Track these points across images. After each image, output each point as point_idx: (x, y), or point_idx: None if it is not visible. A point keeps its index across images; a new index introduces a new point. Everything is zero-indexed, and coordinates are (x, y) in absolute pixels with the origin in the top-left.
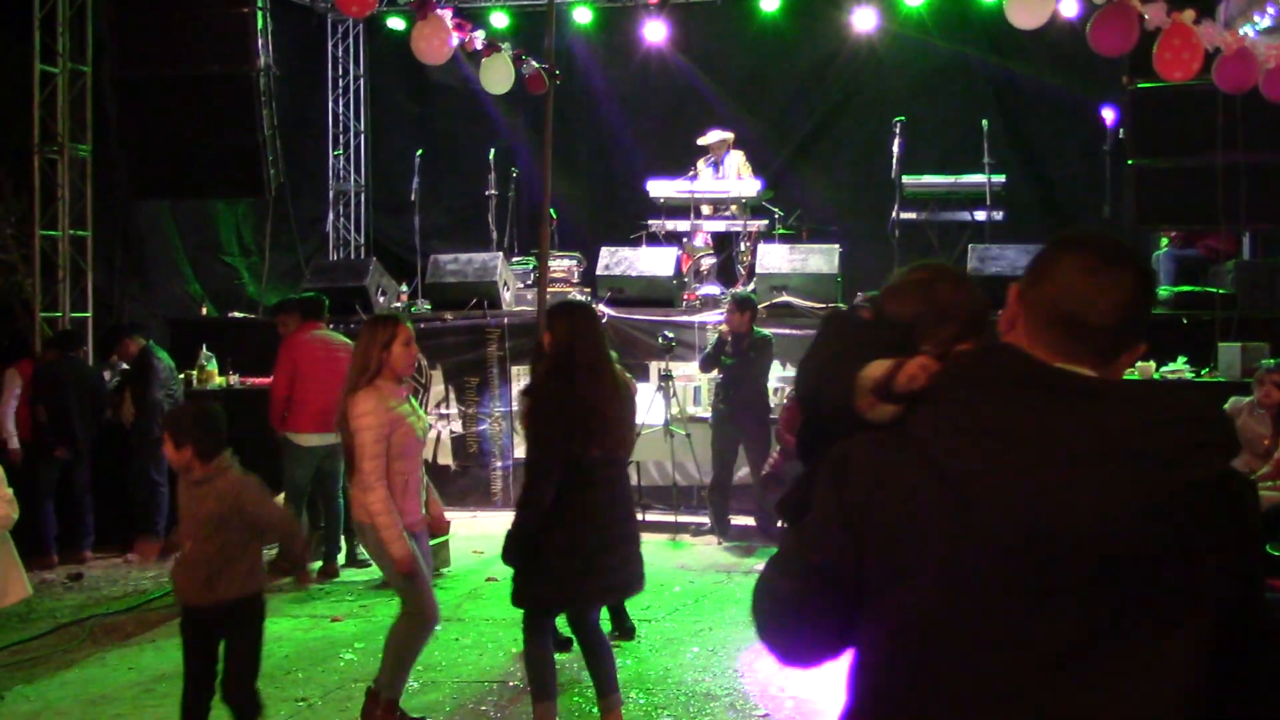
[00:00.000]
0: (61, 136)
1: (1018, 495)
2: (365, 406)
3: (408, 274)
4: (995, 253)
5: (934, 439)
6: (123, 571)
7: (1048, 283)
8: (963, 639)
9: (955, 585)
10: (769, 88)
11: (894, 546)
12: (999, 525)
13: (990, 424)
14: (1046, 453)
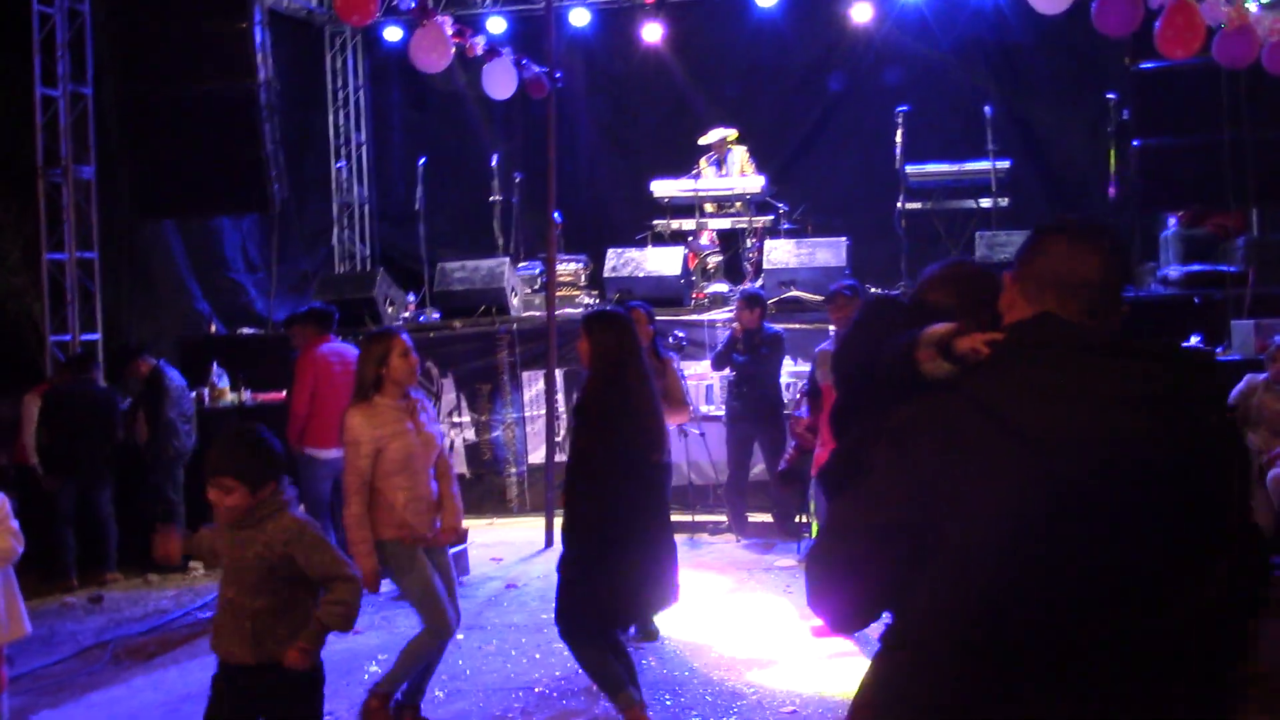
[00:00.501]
0: (65, 159)
1: (1082, 439)
2: (353, 422)
3: (415, 283)
4: (1003, 239)
5: (1001, 399)
6: (143, 592)
7: (1039, 259)
8: (1036, 573)
9: (1029, 526)
10: (768, 83)
11: (964, 503)
12: (1067, 467)
13: (1048, 381)
14: (1098, 402)
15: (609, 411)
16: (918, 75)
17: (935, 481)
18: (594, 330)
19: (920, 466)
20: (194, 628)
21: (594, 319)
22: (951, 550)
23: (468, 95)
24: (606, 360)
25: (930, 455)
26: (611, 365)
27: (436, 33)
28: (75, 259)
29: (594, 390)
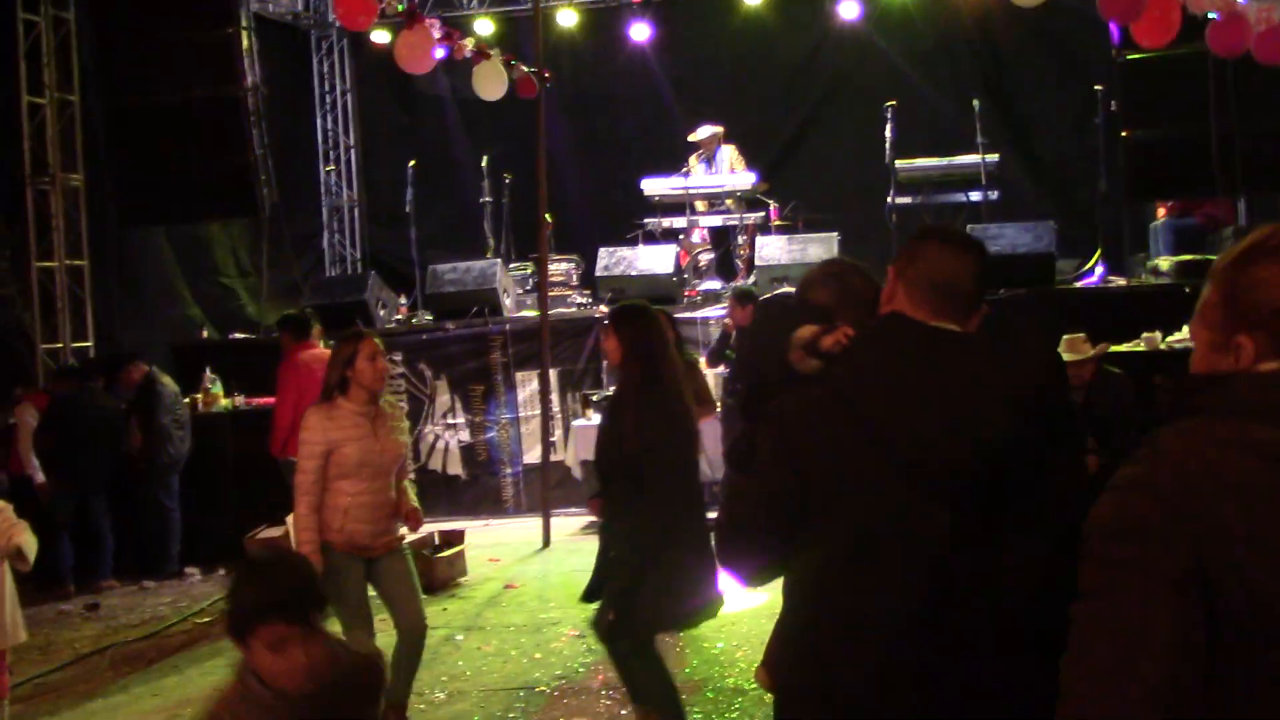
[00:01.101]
0: (53, 167)
1: (917, 425)
2: (309, 421)
3: (406, 286)
4: (994, 232)
5: (852, 388)
6: (139, 599)
7: (921, 262)
8: (885, 536)
9: (876, 497)
10: (757, 80)
11: (827, 475)
12: (904, 449)
13: (892, 373)
14: (934, 393)
15: (658, 413)
16: (905, 71)
17: (805, 457)
18: (623, 327)
19: (793, 445)
20: (191, 634)
21: (623, 315)
22: (818, 512)
23: (456, 97)
24: (640, 355)
25: (800, 435)
26: (646, 360)
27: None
28: (65, 266)
29: (636, 392)
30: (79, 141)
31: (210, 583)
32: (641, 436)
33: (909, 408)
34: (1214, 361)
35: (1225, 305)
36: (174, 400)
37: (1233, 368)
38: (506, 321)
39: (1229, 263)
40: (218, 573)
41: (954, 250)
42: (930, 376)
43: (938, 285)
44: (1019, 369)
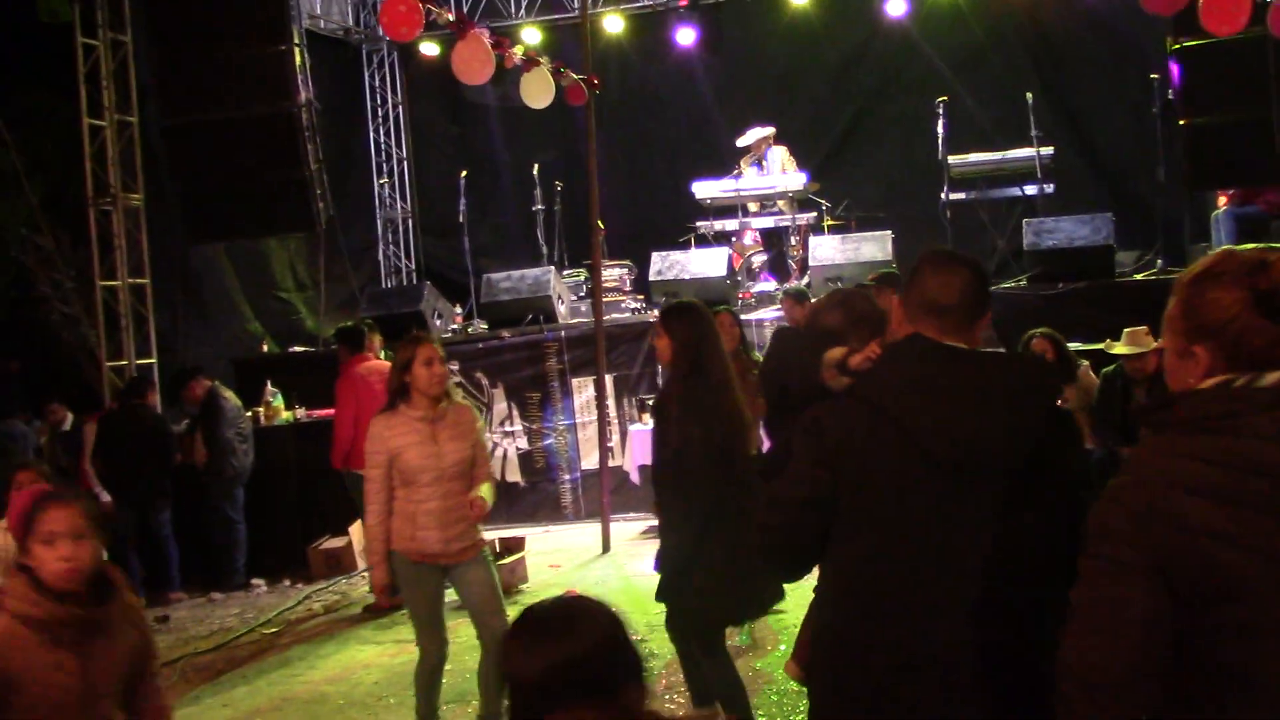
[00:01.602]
0: (114, 187)
1: (940, 427)
2: (370, 433)
3: (461, 295)
4: (1050, 226)
5: (883, 395)
6: (207, 611)
7: (915, 289)
8: (911, 526)
9: (904, 492)
10: (805, 79)
11: (861, 475)
12: (929, 448)
13: (917, 382)
14: (954, 398)
15: (699, 405)
16: (955, 65)
17: (842, 459)
18: (671, 323)
19: (831, 449)
20: (259, 645)
21: (671, 312)
22: (852, 510)
23: (504, 106)
24: (688, 351)
25: (837, 440)
26: (693, 357)
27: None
28: (128, 285)
29: (680, 385)
30: (139, 161)
31: (276, 593)
32: (682, 429)
33: (933, 411)
34: (1178, 368)
35: (1184, 318)
36: (236, 414)
37: (1193, 373)
38: (561, 328)
39: (1188, 281)
40: (283, 583)
41: (946, 272)
42: (948, 385)
43: (935, 307)
44: (1021, 377)
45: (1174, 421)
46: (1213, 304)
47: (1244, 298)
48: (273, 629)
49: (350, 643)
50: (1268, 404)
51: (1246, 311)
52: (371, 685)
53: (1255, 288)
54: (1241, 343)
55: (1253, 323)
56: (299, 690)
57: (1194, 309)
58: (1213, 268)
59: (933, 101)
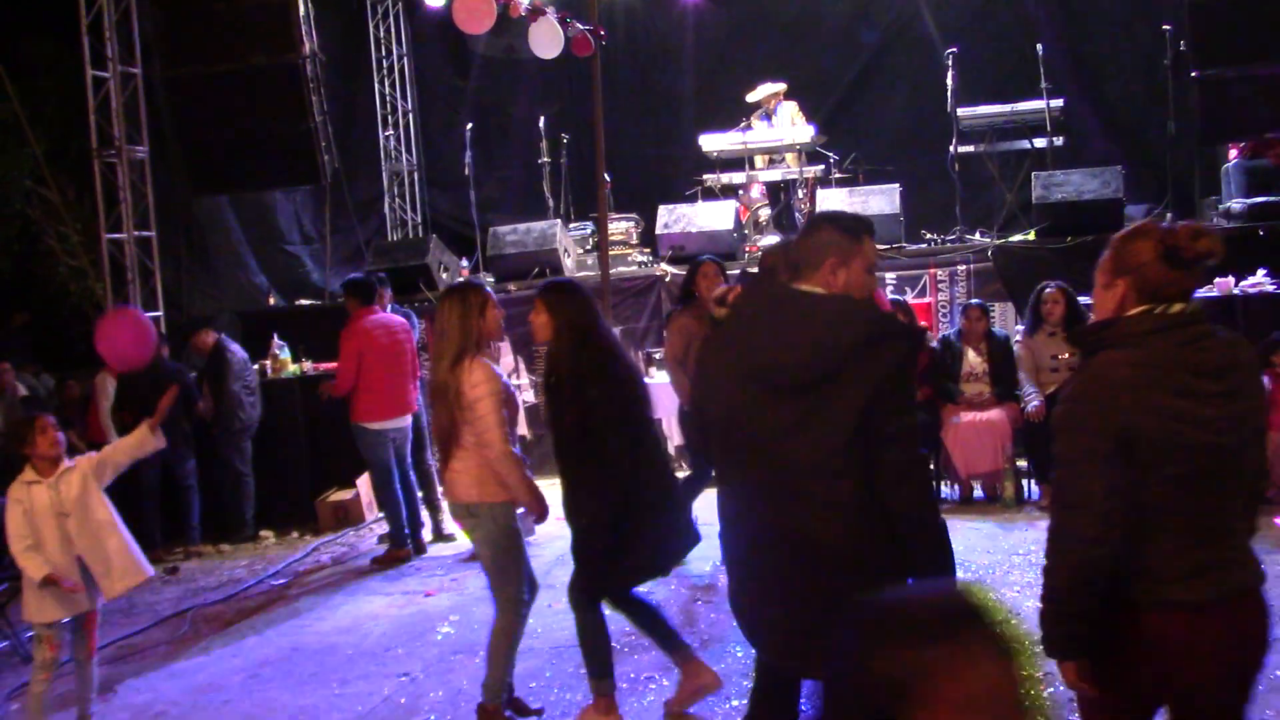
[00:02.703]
0: (119, 139)
1: (759, 347)
2: (480, 375)
3: (467, 248)
4: (1060, 179)
5: (727, 324)
6: (216, 563)
7: (794, 245)
8: (735, 430)
9: (732, 404)
10: (814, 31)
11: (708, 390)
12: (749, 365)
13: (753, 314)
14: (776, 327)
15: (594, 372)
16: (966, 16)
17: (697, 381)
18: (552, 301)
19: (693, 372)
20: (269, 595)
21: (551, 290)
22: (708, 422)
23: (511, 58)
24: (572, 329)
25: (698, 364)
26: (577, 332)
27: None
28: (133, 238)
29: (568, 358)
30: (143, 113)
31: (284, 545)
32: (581, 397)
33: (758, 336)
34: (1103, 297)
35: (1112, 260)
36: (243, 366)
37: (1113, 301)
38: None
39: (1120, 236)
40: (291, 535)
41: (804, 234)
42: (774, 317)
43: (789, 261)
44: (837, 313)
45: (1115, 338)
46: (1133, 251)
47: (1155, 248)
48: (281, 580)
49: (359, 594)
50: (1180, 322)
51: (1156, 259)
52: (380, 636)
53: (1163, 242)
54: (1149, 280)
55: (1159, 267)
56: (308, 640)
57: (1119, 253)
58: (1138, 228)
59: (942, 53)
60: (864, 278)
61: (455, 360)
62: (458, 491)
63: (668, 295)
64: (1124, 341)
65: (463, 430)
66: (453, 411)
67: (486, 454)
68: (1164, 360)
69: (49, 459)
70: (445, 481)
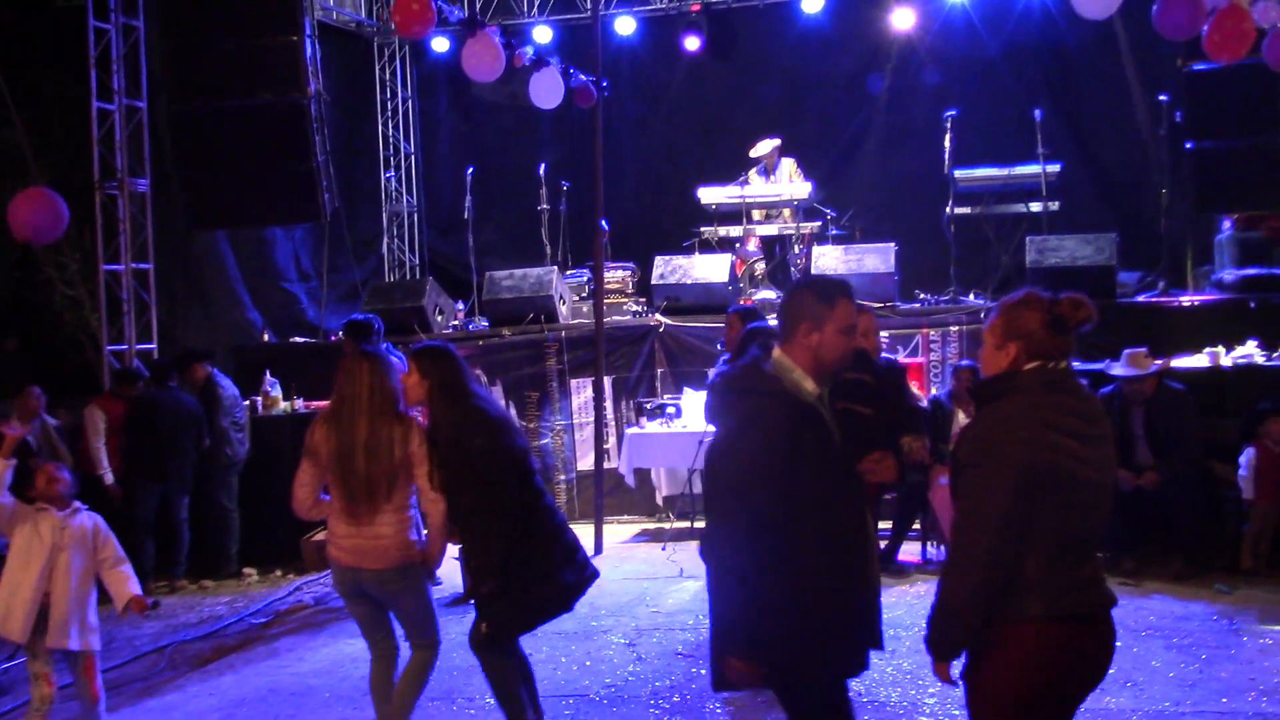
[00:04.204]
0: (121, 172)
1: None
2: (422, 436)
3: (464, 292)
4: (1054, 244)
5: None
6: (198, 599)
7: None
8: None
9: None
10: (813, 88)
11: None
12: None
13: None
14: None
15: (472, 423)
16: (965, 79)
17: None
18: (425, 363)
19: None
20: (249, 634)
21: (424, 353)
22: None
23: (514, 105)
24: (444, 389)
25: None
26: (449, 392)
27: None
28: (131, 270)
29: (446, 412)
30: (147, 147)
31: (267, 583)
32: (465, 446)
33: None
34: (995, 357)
35: (1004, 326)
36: (233, 402)
37: (1004, 361)
38: (562, 329)
39: (1009, 305)
40: (274, 574)
41: (786, 297)
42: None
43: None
44: (742, 384)
45: (1015, 388)
46: (1024, 319)
47: (1043, 318)
48: (262, 619)
49: (340, 636)
50: (1065, 377)
51: (1043, 326)
52: (358, 680)
53: (1050, 312)
54: (1038, 343)
55: (1046, 333)
56: (286, 681)
57: (1011, 320)
58: (1025, 298)
59: (941, 114)
60: (837, 339)
61: (391, 417)
62: (390, 556)
63: (661, 346)
64: (1023, 390)
65: (397, 490)
66: (390, 468)
67: (431, 510)
68: (1057, 407)
69: (51, 496)
70: (359, 549)
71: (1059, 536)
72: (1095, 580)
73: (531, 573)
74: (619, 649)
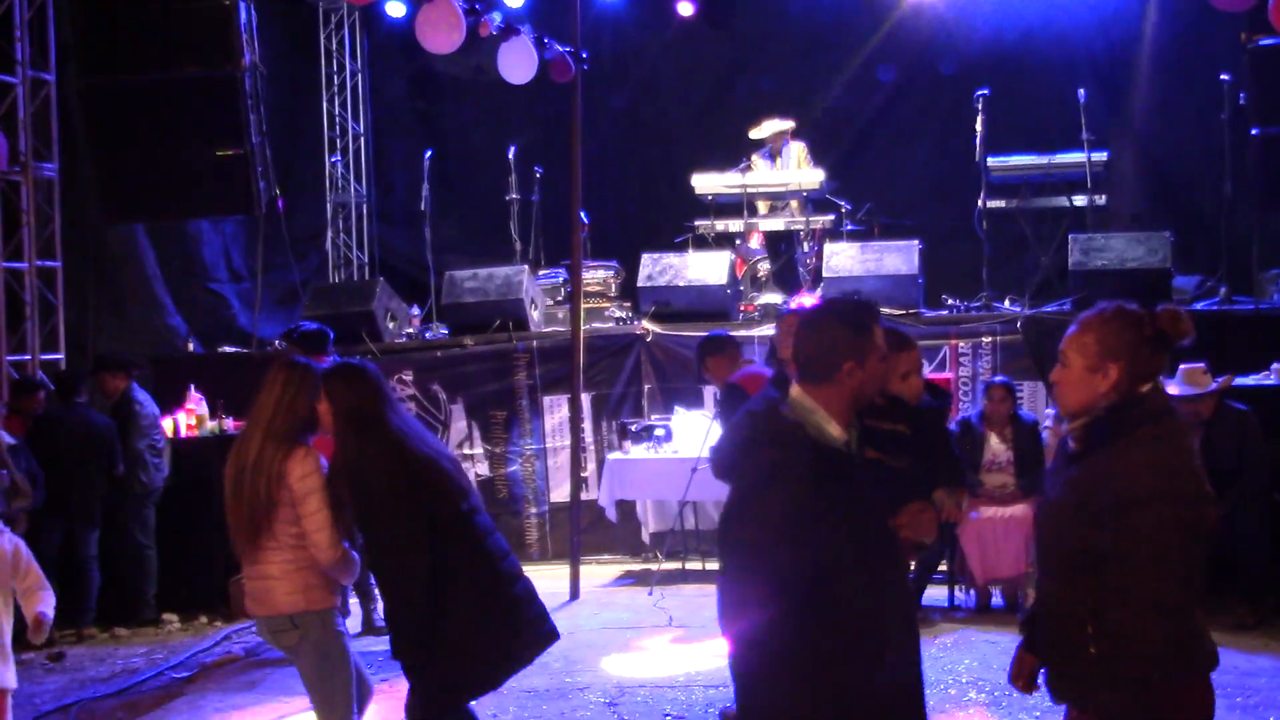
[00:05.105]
0: (25, 155)
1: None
2: (312, 466)
3: (420, 295)
4: (1100, 243)
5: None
6: (110, 649)
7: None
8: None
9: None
10: (825, 64)
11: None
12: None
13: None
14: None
15: (370, 470)
16: (1000, 55)
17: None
18: (334, 386)
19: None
20: (169, 690)
21: (335, 374)
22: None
23: (480, 80)
24: (348, 419)
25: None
26: (355, 423)
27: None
28: (35, 268)
29: (344, 452)
30: (55, 127)
31: (190, 631)
32: (366, 496)
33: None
34: (1088, 380)
35: (1099, 344)
36: (152, 423)
37: (1101, 384)
38: (534, 338)
39: (1100, 320)
40: (199, 620)
41: (810, 331)
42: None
43: (803, 363)
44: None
45: (1143, 416)
46: (1122, 337)
47: (1143, 333)
48: (184, 673)
49: (274, 694)
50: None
51: (1144, 343)
52: None
53: (1152, 327)
54: (1140, 363)
55: (1147, 350)
56: None
57: (1105, 337)
58: (1119, 312)
59: (972, 96)
60: (878, 370)
61: (283, 441)
62: (275, 601)
63: (649, 358)
64: (1154, 417)
65: (279, 526)
66: (270, 499)
67: (317, 557)
68: (1183, 429)
69: None
70: (250, 592)
71: (1199, 578)
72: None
73: (463, 638)
74: (598, 709)
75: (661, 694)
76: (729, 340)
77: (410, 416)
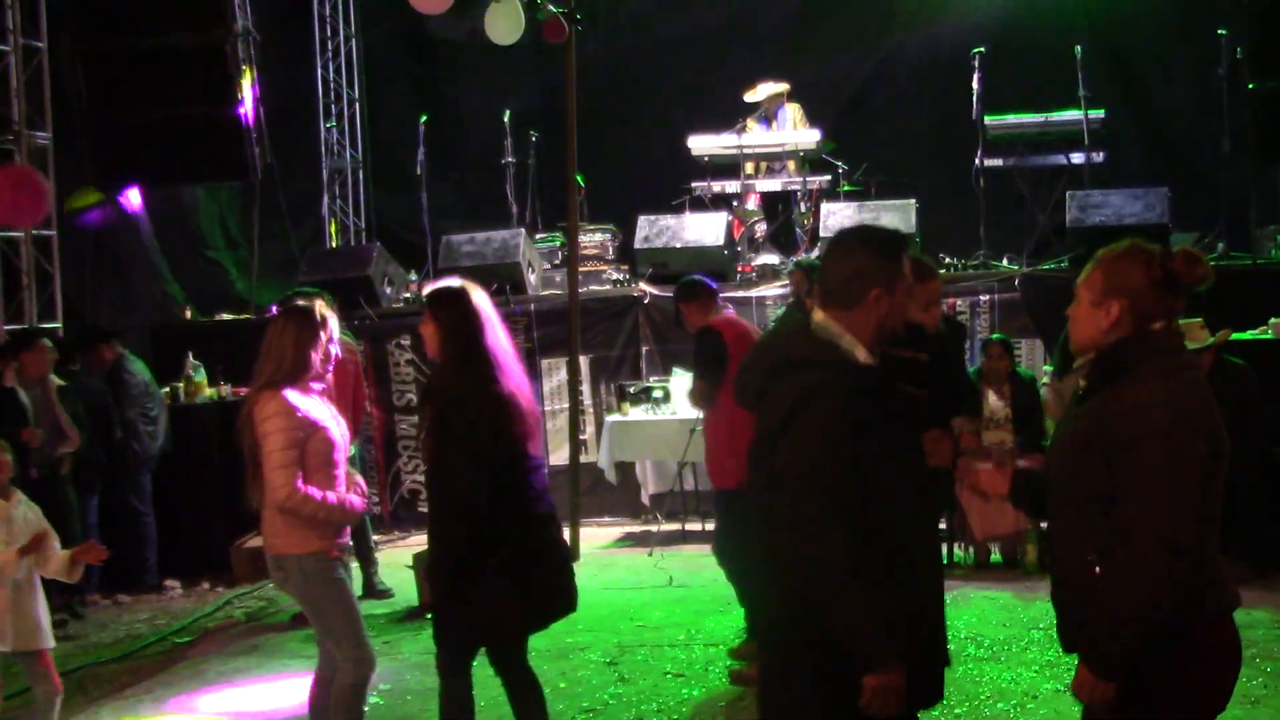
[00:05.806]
0: (18, 122)
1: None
2: (273, 408)
3: (417, 259)
4: (1098, 200)
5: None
6: (113, 615)
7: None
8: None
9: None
10: (822, 22)
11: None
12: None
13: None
14: (757, 355)
15: (465, 400)
16: (997, 13)
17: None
18: (439, 311)
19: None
20: (170, 654)
21: (439, 298)
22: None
23: (474, 43)
24: (456, 337)
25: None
26: (465, 343)
27: None
28: (31, 237)
29: (445, 371)
30: (47, 94)
31: (192, 597)
32: (448, 439)
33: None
34: (1091, 315)
35: (1105, 280)
36: (143, 390)
37: (1103, 321)
38: (531, 301)
39: (1112, 257)
40: (200, 586)
41: (836, 254)
42: (763, 343)
43: (826, 289)
44: (791, 350)
45: (1151, 352)
46: (1128, 273)
47: (1149, 273)
48: (186, 638)
49: (275, 656)
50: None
51: (1151, 283)
52: (296, 707)
53: (1162, 267)
54: (1143, 303)
55: (1154, 292)
56: (214, 710)
57: (1112, 273)
58: (1131, 249)
59: (968, 53)
60: (903, 301)
61: (266, 387)
62: (269, 541)
63: (647, 320)
64: (1162, 353)
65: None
66: (253, 443)
67: (270, 496)
68: (1195, 365)
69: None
70: (264, 530)
71: (1216, 520)
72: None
73: (479, 586)
74: (599, 668)
75: (661, 653)
76: (703, 285)
77: (505, 344)
